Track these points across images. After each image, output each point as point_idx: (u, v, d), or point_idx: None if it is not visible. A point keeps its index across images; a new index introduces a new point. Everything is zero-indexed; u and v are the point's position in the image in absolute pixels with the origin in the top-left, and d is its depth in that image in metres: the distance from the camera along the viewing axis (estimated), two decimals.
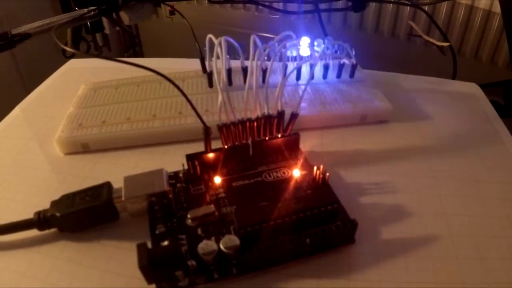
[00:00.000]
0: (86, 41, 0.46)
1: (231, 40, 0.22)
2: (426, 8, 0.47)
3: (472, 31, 0.47)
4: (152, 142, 0.24)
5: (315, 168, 0.19)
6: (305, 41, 0.27)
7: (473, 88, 0.30)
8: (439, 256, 0.17)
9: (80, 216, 0.18)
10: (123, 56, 0.47)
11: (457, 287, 0.16)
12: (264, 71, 0.24)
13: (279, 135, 0.21)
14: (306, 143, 0.23)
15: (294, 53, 0.27)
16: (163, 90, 0.27)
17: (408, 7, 0.50)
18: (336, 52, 0.27)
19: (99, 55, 0.45)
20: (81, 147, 0.24)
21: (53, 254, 0.18)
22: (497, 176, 0.22)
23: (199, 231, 0.18)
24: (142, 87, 0.28)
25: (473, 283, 0.16)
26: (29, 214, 0.18)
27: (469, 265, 0.17)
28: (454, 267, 0.17)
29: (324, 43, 0.27)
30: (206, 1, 0.57)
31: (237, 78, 0.27)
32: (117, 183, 0.19)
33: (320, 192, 0.19)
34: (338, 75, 0.28)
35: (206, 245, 0.16)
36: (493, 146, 0.24)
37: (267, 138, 0.21)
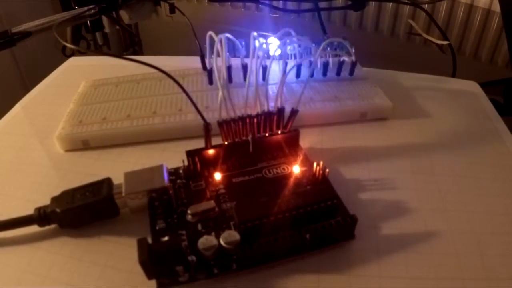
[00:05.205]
0: (86, 40, 0.46)
1: (231, 37, 0.22)
2: (425, 7, 0.47)
3: (472, 30, 0.47)
4: (153, 138, 0.24)
5: (314, 164, 0.19)
6: None
7: (472, 86, 0.30)
8: (439, 252, 0.17)
9: (80, 212, 0.18)
10: (123, 55, 0.47)
11: (457, 283, 0.16)
12: (264, 68, 0.24)
13: (279, 132, 0.21)
14: (306, 140, 0.23)
15: None
16: (163, 87, 0.27)
17: (408, 6, 0.50)
18: (335, 49, 0.27)
19: (103, 52, 0.45)
20: (81, 144, 0.24)
21: (54, 250, 0.18)
22: (496, 174, 0.22)
23: (199, 226, 0.18)
24: (142, 84, 0.28)
25: (472, 279, 0.16)
26: (29, 210, 0.18)
27: (469, 261, 0.17)
28: (454, 262, 0.17)
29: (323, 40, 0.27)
30: (206, 0, 0.57)
31: (237, 76, 0.27)
32: (118, 180, 0.19)
33: (319, 188, 0.19)
34: (338, 73, 0.28)
35: (206, 240, 0.16)
36: (493, 143, 0.24)
37: (267, 135, 0.21)
